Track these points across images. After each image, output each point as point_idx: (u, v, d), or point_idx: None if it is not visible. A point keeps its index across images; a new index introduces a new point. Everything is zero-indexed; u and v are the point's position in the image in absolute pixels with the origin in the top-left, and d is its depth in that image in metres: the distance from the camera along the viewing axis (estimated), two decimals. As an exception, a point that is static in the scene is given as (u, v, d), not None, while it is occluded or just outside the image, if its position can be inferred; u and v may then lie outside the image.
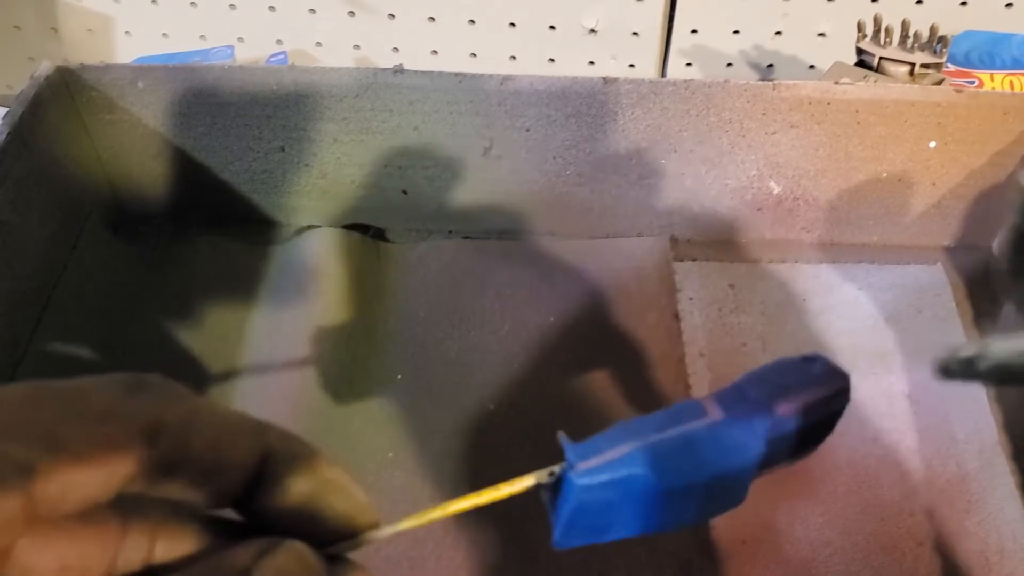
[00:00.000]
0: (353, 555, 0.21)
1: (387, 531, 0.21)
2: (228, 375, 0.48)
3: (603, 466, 0.22)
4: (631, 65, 0.71)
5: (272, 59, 0.71)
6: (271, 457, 0.19)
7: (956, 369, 0.20)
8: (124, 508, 0.19)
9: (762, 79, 0.53)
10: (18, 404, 0.17)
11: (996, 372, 0.19)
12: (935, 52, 0.55)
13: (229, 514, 0.20)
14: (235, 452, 0.19)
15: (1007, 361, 0.19)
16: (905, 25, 0.56)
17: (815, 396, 0.24)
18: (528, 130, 0.51)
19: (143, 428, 0.18)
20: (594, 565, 0.41)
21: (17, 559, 0.17)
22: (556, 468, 0.22)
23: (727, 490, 0.24)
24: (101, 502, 0.18)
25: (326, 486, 0.20)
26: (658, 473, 0.22)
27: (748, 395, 0.24)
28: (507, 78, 0.49)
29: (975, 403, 0.47)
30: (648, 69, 0.71)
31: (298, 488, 0.20)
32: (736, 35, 0.69)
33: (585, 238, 0.55)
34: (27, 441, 0.16)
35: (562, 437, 0.23)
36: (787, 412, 0.24)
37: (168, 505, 0.20)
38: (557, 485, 0.22)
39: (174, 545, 0.20)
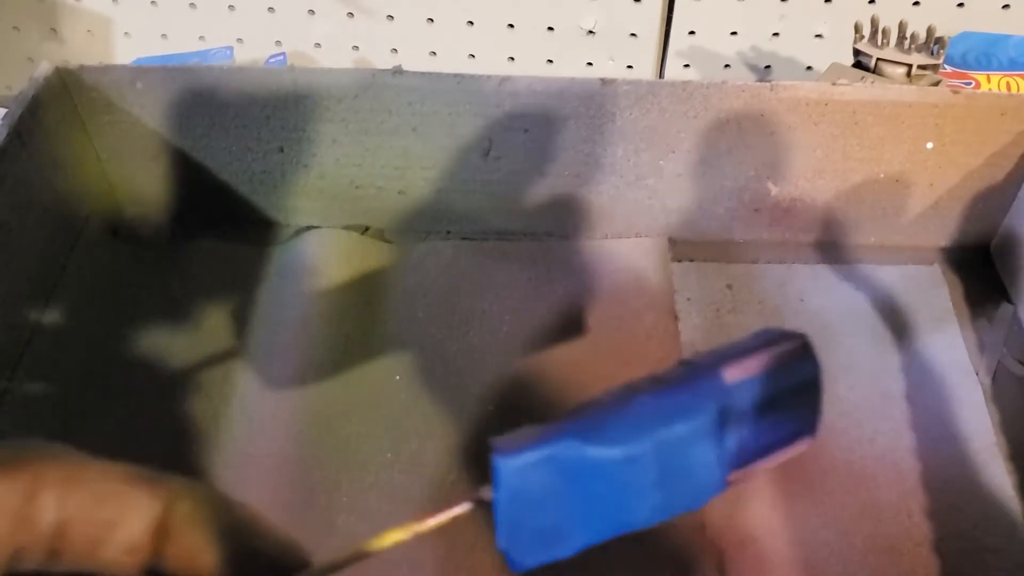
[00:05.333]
0: None
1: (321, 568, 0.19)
2: (227, 376, 0.48)
3: (531, 444, 0.20)
4: (629, 66, 0.71)
5: (271, 60, 0.71)
6: (169, 516, 0.17)
7: None
8: None
9: (760, 80, 0.53)
10: None
11: None
12: (932, 53, 0.55)
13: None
14: (122, 529, 0.17)
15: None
16: (902, 26, 0.56)
17: (764, 356, 0.23)
18: (527, 131, 0.51)
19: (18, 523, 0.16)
20: (593, 566, 0.41)
21: None
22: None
23: (689, 471, 0.22)
24: None
25: (238, 530, 0.18)
26: (593, 442, 0.20)
27: (695, 364, 0.23)
28: (506, 79, 0.49)
29: (973, 404, 0.47)
30: (646, 70, 0.71)
31: (205, 543, 0.18)
32: (734, 36, 0.69)
33: (583, 239, 0.55)
34: None
35: (493, 438, 0.21)
36: (736, 373, 0.22)
37: None
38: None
39: None
